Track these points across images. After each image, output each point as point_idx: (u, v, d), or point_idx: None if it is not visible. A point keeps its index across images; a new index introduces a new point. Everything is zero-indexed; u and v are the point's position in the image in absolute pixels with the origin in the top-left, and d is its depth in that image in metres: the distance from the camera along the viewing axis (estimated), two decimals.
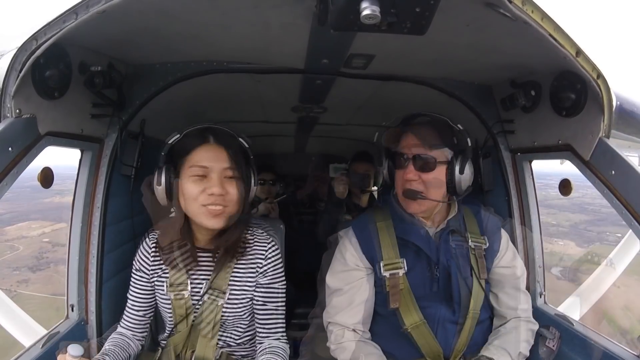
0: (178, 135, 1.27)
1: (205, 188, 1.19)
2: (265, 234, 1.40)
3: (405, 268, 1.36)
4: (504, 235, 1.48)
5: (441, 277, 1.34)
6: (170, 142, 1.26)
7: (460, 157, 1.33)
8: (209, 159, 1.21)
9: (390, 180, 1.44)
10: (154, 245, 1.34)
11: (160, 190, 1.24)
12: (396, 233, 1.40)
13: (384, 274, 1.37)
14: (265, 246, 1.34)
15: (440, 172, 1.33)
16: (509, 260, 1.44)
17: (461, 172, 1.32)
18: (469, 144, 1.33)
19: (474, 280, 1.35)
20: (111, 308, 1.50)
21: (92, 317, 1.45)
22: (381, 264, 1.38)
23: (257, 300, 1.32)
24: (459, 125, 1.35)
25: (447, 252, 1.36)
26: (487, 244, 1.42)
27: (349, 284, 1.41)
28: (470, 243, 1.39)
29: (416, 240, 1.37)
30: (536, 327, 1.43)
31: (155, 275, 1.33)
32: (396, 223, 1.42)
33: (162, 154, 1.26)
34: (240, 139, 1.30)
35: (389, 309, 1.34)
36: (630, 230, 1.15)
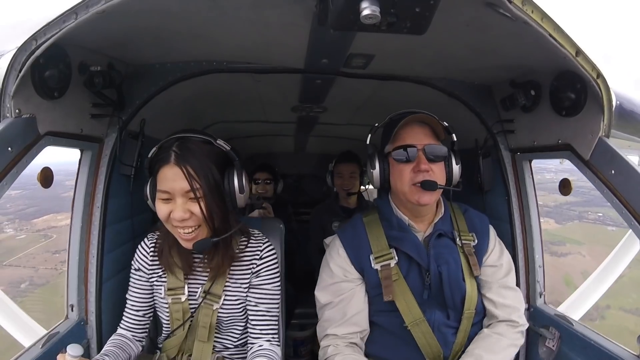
0: (155, 149, 1.19)
1: (171, 211, 1.15)
2: (261, 234, 1.38)
3: (396, 258, 1.34)
4: (492, 232, 1.45)
5: (433, 284, 1.32)
6: (150, 155, 1.19)
7: (452, 151, 1.36)
8: (169, 182, 1.14)
9: (384, 180, 1.38)
10: (152, 245, 1.33)
11: (150, 203, 1.22)
12: (388, 242, 1.38)
13: (376, 267, 1.34)
14: (260, 246, 1.32)
15: (443, 163, 1.35)
16: (495, 259, 1.41)
17: (457, 163, 1.35)
18: (455, 139, 1.36)
19: (467, 281, 1.33)
20: (111, 308, 1.50)
21: (92, 318, 1.45)
22: (371, 257, 1.35)
23: (250, 301, 1.30)
24: (444, 122, 1.36)
25: (437, 258, 1.34)
26: (476, 241, 1.40)
27: (340, 296, 1.37)
28: (458, 241, 1.37)
29: (408, 250, 1.35)
30: (525, 326, 1.39)
31: (155, 275, 1.32)
32: (386, 230, 1.40)
33: (145, 167, 1.21)
34: (219, 143, 1.18)
35: (384, 301, 1.31)
36: (630, 230, 1.16)
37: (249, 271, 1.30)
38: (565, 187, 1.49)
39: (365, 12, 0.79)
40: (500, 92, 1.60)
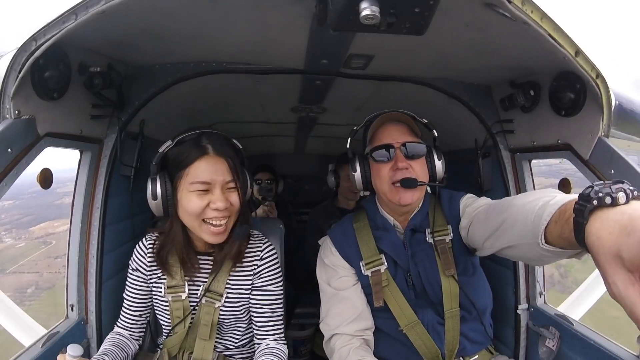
0: (170, 143, 1.18)
1: (209, 202, 1.14)
2: (261, 234, 1.38)
3: (386, 264, 1.34)
4: (462, 203, 1.38)
5: (415, 284, 1.32)
6: (162, 150, 1.18)
7: (433, 147, 1.37)
8: (210, 173, 1.14)
9: (365, 182, 1.38)
10: (150, 246, 1.33)
11: (156, 204, 1.18)
12: (377, 244, 1.38)
13: (366, 273, 1.34)
14: (261, 246, 1.33)
15: (424, 160, 1.34)
16: (466, 222, 1.30)
17: (439, 159, 1.35)
18: (436, 135, 1.37)
19: (442, 279, 1.31)
20: (111, 308, 1.50)
21: (92, 317, 1.45)
22: (362, 264, 1.36)
23: (254, 303, 1.31)
24: (424, 119, 1.37)
25: (414, 257, 1.34)
26: (451, 235, 1.35)
27: (343, 290, 1.36)
28: (429, 240, 1.35)
29: (387, 249, 1.35)
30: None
31: (154, 276, 1.32)
32: (373, 231, 1.40)
33: (154, 163, 1.18)
34: (234, 141, 1.26)
35: (374, 307, 1.31)
36: None
37: (251, 272, 1.30)
38: (564, 186, 1.49)
39: (365, 12, 0.79)
40: (500, 92, 1.60)
